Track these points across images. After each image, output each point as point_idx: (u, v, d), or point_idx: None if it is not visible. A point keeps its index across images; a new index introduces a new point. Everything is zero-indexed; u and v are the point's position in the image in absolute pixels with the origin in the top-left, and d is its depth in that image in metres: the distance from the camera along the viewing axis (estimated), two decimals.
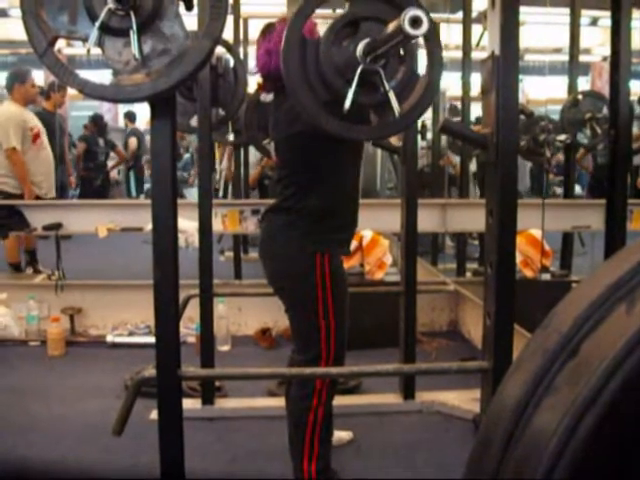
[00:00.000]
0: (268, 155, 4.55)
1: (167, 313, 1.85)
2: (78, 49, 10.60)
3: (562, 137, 4.89)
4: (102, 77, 1.77)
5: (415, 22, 1.49)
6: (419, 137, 5.15)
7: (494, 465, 0.62)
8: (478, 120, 5.89)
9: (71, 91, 8.12)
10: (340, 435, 3.03)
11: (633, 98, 5.78)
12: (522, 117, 4.58)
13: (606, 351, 0.55)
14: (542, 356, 0.60)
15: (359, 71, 1.73)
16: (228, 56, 3.85)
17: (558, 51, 11.27)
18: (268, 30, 2.53)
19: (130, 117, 11.10)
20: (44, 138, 5.87)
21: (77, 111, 12.39)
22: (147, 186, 11.67)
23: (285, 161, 2.57)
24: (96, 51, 1.59)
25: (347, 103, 1.73)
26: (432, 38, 1.77)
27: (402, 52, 1.83)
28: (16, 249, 5.84)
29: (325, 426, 2.55)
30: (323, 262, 2.46)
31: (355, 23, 1.77)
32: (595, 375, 0.54)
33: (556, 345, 0.60)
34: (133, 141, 10.81)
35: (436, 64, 1.79)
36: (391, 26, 1.60)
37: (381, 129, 1.95)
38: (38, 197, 5.61)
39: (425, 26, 1.50)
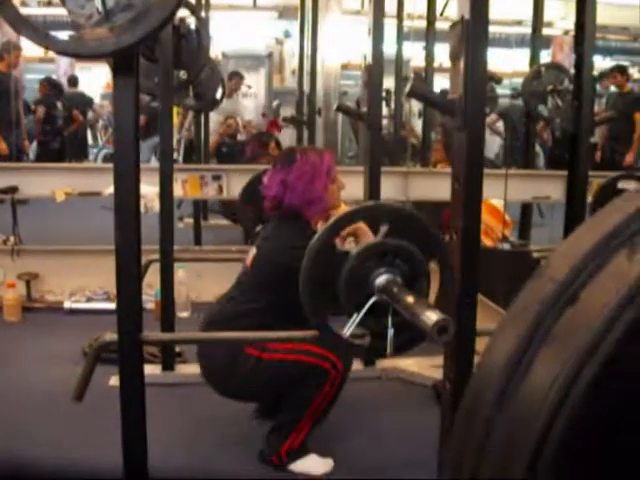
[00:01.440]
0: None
1: (129, 276, 1.82)
2: (33, 9, 10.33)
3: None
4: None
5: (442, 330, 1.51)
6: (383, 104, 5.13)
7: (484, 426, 0.61)
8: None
9: (26, 53, 7.93)
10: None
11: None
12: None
13: (607, 299, 0.54)
14: (537, 305, 0.58)
15: (371, 302, 1.76)
16: (191, 19, 3.79)
17: (519, 23, 11.32)
18: (288, 159, 2.62)
19: (72, 82, 10.87)
20: None
21: (32, 74, 12.09)
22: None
23: (257, 273, 2.63)
24: (54, 12, 1.54)
25: (348, 330, 1.79)
26: None
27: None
28: None
29: (326, 411, 2.55)
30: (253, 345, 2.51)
31: (384, 253, 1.81)
32: (597, 322, 0.53)
33: (552, 293, 0.58)
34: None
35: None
36: (417, 317, 1.59)
37: (370, 354, 2.08)
38: None
39: (451, 333, 1.51)
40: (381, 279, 1.77)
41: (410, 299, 1.66)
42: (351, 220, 1.90)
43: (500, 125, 8.36)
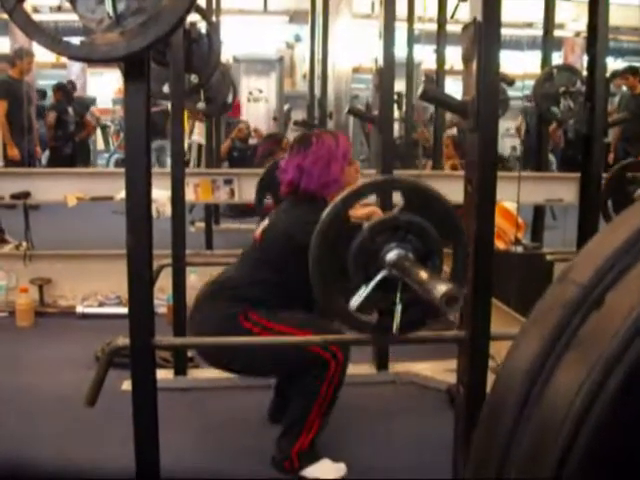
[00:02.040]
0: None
1: (141, 280, 1.81)
2: (44, 15, 10.38)
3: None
4: None
5: (452, 300, 1.49)
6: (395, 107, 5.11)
7: (507, 433, 0.59)
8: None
9: (39, 59, 7.96)
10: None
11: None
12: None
13: (634, 302, 0.52)
14: (561, 309, 0.56)
15: (380, 276, 1.74)
16: (202, 23, 3.79)
17: (530, 25, 11.29)
18: (304, 144, 2.61)
19: (71, 87, 10.95)
20: None
21: (44, 80, 12.16)
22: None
23: (265, 246, 2.62)
24: (65, 17, 1.53)
25: (355, 302, 1.76)
26: None
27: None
28: None
29: (330, 407, 2.53)
30: (246, 315, 2.49)
31: (397, 227, 1.79)
32: (623, 327, 0.51)
33: (577, 296, 0.56)
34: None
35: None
36: (426, 289, 1.58)
37: (376, 336, 2.02)
38: None
39: (459, 305, 1.49)
40: (392, 254, 1.74)
41: (420, 273, 1.64)
42: (365, 192, 1.86)
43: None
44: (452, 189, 2.34)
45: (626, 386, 0.51)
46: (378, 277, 1.74)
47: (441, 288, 1.49)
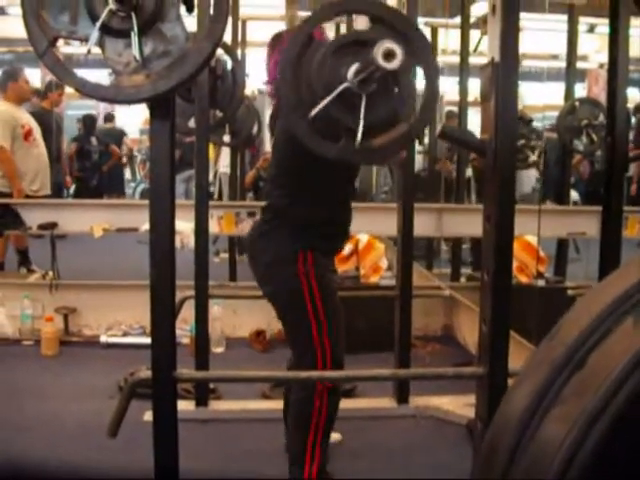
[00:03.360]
0: None
1: (163, 314, 1.84)
2: (75, 48, 10.60)
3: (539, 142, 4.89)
4: (100, 76, 1.76)
5: (389, 55, 1.48)
6: (416, 141, 5.15)
7: (501, 475, 0.62)
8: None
9: (68, 90, 8.11)
10: (332, 436, 3.03)
11: (629, 106, 5.80)
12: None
13: (613, 363, 0.55)
14: (548, 367, 0.59)
15: (341, 88, 1.70)
16: (226, 58, 3.86)
17: (555, 57, 11.31)
18: (277, 41, 2.57)
19: (108, 118, 11.15)
20: (37, 136, 5.84)
21: (74, 110, 12.36)
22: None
23: (278, 162, 2.59)
24: (95, 51, 1.59)
25: (316, 109, 1.70)
26: (430, 78, 1.74)
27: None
28: (2, 249, 5.82)
29: (327, 430, 2.54)
30: (306, 259, 2.46)
31: (362, 44, 1.73)
32: (602, 387, 0.54)
33: (562, 357, 0.59)
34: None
35: (428, 106, 1.76)
36: (367, 57, 1.58)
37: (348, 153, 1.87)
38: (28, 196, 5.58)
39: (398, 60, 1.48)
40: (354, 66, 1.69)
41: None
42: (328, 13, 1.78)
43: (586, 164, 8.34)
44: (474, 223, 2.36)
45: (605, 441, 0.54)
46: (339, 88, 1.69)
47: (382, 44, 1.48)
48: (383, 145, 1.77)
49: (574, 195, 7.65)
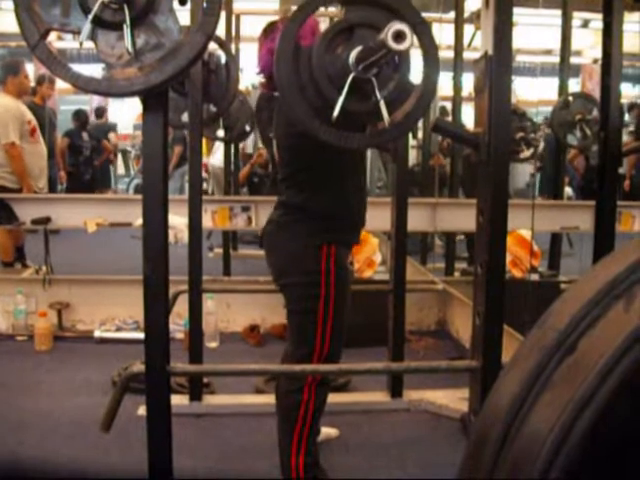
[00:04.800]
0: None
1: (156, 308, 1.84)
2: (68, 42, 10.55)
3: (537, 135, 4.89)
4: (92, 71, 1.76)
5: (399, 36, 1.48)
6: (410, 136, 5.15)
7: (490, 464, 0.62)
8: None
9: (61, 85, 8.09)
10: (328, 432, 3.03)
11: (623, 101, 5.81)
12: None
13: (604, 348, 0.55)
14: (539, 353, 0.60)
15: (350, 79, 1.69)
16: (220, 52, 3.84)
17: (548, 52, 11.32)
18: (270, 29, 2.54)
19: (98, 113, 11.13)
20: (39, 132, 5.82)
21: (67, 105, 12.33)
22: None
23: (287, 160, 2.57)
24: (87, 45, 1.58)
25: (336, 111, 1.69)
26: (428, 48, 1.74)
27: (397, 60, 1.80)
28: (11, 247, 5.79)
29: (314, 421, 2.55)
30: (329, 254, 2.46)
31: (350, 29, 1.73)
32: (592, 372, 0.54)
33: (553, 342, 0.60)
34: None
35: (431, 73, 1.76)
36: (377, 39, 1.58)
37: (372, 138, 1.91)
38: (35, 192, 5.57)
39: (408, 41, 1.48)
40: (353, 53, 1.68)
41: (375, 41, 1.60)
42: (307, 11, 1.79)
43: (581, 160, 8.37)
44: (468, 217, 2.36)
45: (594, 427, 0.54)
46: (348, 80, 1.68)
47: (392, 26, 1.49)
48: (404, 119, 1.77)
49: (568, 191, 7.66)
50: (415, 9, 1.73)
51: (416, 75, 1.77)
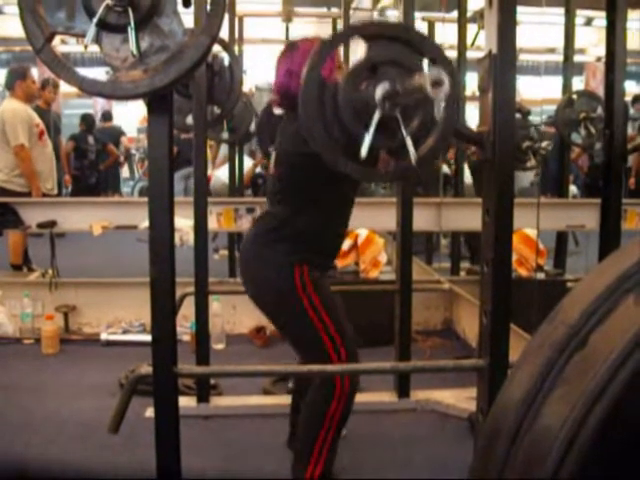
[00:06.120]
0: None
1: (163, 310, 1.84)
2: (72, 46, 10.59)
3: (544, 144, 4.89)
4: (97, 75, 1.76)
5: (437, 84, 1.49)
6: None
7: (502, 457, 0.62)
8: None
9: (66, 89, 8.11)
10: None
11: (627, 99, 5.80)
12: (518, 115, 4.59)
13: (615, 343, 0.55)
14: (549, 348, 0.60)
15: (377, 117, 1.70)
16: (224, 54, 3.85)
17: (552, 51, 11.31)
18: (290, 49, 2.55)
19: (106, 117, 11.13)
20: (47, 134, 5.86)
21: (70, 109, 12.36)
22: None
23: (283, 176, 2.57)
24: (92, 49, 1.59)
25: (364, 150, 1.70)
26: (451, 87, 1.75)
27: None
28: (20, 250, 5.82)
29: (337, 432, 2.53)
30: (302, 272, 2.47)
31: (374, 66, 1.74)
32: (603, 367, 0.54)
33: (564, 337, 0.60)
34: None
35: (453, 108, 1.76)
36: (413, 83, 1.58)
37: (397, 173, 1.90)
38: (45, 194, 5.59)
39: (447, 87, 1.49)
40: (379, 90, 1.68)
41: (406, 79, 1.62)
42: (332, 46, 1.79)
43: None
44: (473, 216, 2.36)
45: (606, 421, 0.54)
46: (375, 118, 1.68)
47: (427, 74, 1.50)
48: (429, 154, 1.78)
49: (573, 189, 7.65)
50: (438, 47, 1.77)
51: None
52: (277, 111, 2.69)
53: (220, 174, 7.43)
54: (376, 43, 1.76)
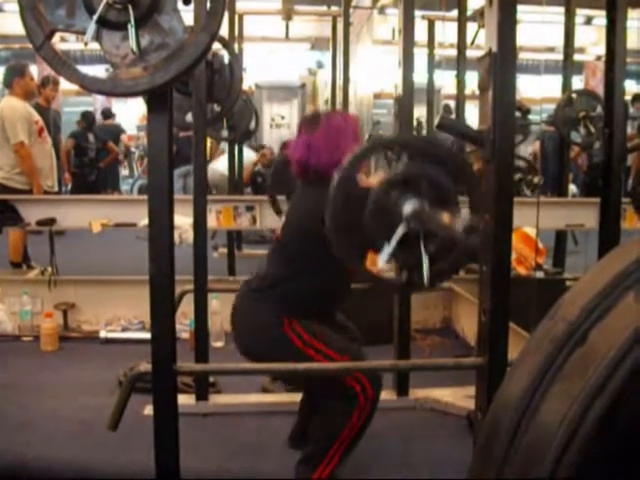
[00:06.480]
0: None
1: (162, 308, 1.85)
2: (72, 44, 10.58)
3: (536, 179, 4.93)
4: (97, 73, 1.76)
5: (471, 230, 1.51)
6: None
7: (502, 454, 0.63)
8: None
9: (66, 86, 8.11)
10: None
11: (627, 98, 5.79)
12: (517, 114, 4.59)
13: (614, 339, 0.56)
14: (549, 344, 0.60)
15: (401, 232, 1.73)
16: (224, 52, 3.85)
17: (552, 50, 11.31)
18: (313, 122, 2.58)
19: (106, 114, 11.13)
20: (46, 131, 5.85)
21: (70, 107, 12.35)
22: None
23: (289, 243, 2.61)
24: (90, 47, 1.59)
25: (383, 259, 1.76)
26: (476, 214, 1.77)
27: None
28: (20, 248, 5.81)
29: (354, 443, 2.52)
30: (291, 323, 2.50)
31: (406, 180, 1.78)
32: (603, 363, 0.54)
33: (564, 333, 0.60)
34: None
35: (475, 238, 1.78)
36: (446, 226, 1.61)
37: (411, 286, 1.95)
38: (45, 192, 5.59)
39: (479, 230, 1.51)
40: (408, 206, 1.73)
41: (437, 215, 1.64)
42: (368, 152, 1.85)
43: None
44: None
45: (606, 416, 0.54)
46: (399, 232, 1.72)
47: (459, 220, 1.51)
48: (441, 275, 1.81)
49: (572, 188, 7.65)
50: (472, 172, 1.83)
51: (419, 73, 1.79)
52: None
53: (216, 166, 7.42)
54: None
